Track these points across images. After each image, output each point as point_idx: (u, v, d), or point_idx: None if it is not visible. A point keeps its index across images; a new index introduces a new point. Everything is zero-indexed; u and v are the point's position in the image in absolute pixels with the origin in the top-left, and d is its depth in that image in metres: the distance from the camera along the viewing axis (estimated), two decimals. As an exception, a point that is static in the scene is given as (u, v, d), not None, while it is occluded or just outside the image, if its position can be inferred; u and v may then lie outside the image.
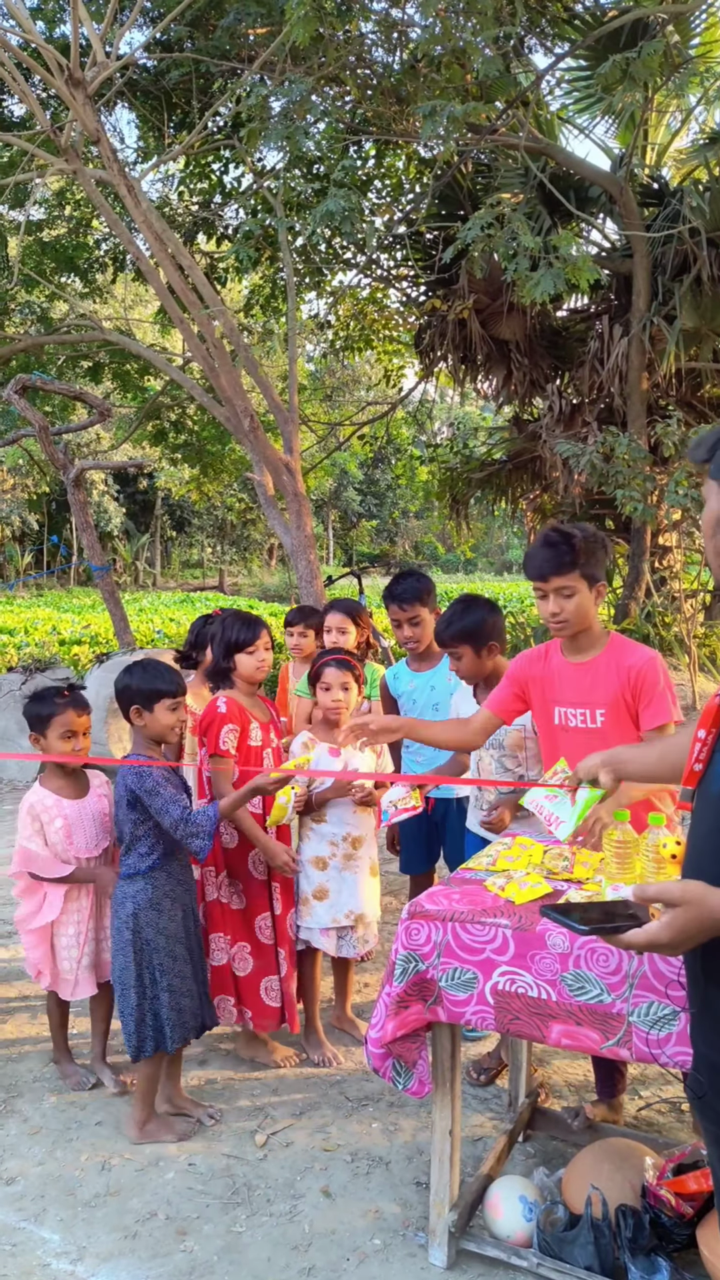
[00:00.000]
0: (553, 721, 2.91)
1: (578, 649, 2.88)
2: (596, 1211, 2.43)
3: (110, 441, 20.44)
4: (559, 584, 2.77)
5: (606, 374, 8.58)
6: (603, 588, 2.83)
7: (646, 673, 2.74)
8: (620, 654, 2.81)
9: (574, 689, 2.86)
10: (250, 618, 3.46)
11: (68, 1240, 2.65)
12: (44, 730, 3.27)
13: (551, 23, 8.04)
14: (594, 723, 2.83)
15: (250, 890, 3.44)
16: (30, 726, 3.30)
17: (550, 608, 2.81)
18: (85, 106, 6.82)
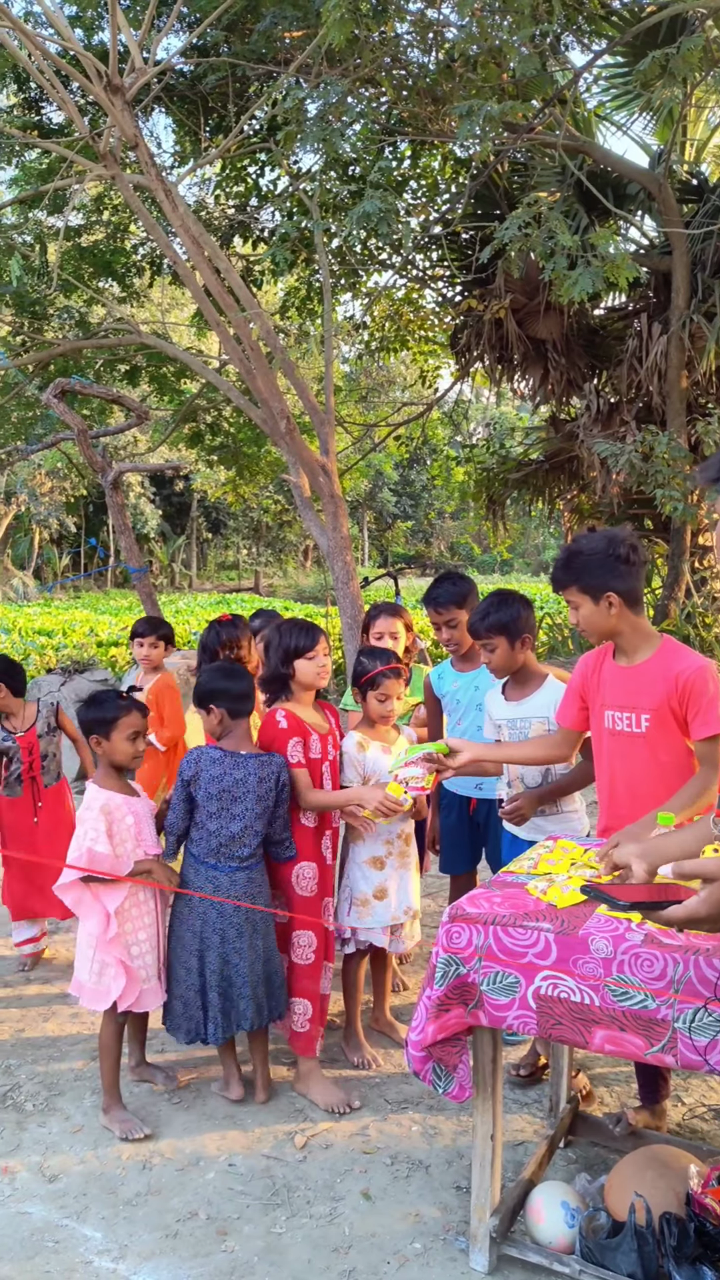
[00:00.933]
0: (602, 724, 2.90)
1: (626, 652, 2.87)
2: (640, 1219, 2.41)
3: (147, 444, 20.59)
4: (564, 597, 2.91)
5: (645, 372, 8.50)
6: (613, 597, 2.79)
7: (695, 681, 2.71)
8: (670, 659, 2.79)
9: (621, 692, 2.85)
10: (307, 624, 3.42)
11: (109, 1238, 2.67)
12: (108, 732, 3.23)
13: (588, 20, 7.97)
14: (639, 727, 2.81)
15: (295, 908, 3.34)
16: (91, 730, 3.26)
17: (571, 618, 2.95)
18: (124, 112, 6.87)
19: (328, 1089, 3.30)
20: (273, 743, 3.30)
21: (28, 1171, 2.96)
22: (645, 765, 2.80)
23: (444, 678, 3.97)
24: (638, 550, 2.81)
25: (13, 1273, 2.55)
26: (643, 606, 2.89)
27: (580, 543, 2.86)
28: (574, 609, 2.88)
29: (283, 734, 3.29)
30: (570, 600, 2.88)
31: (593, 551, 2.80)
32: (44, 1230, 2.70)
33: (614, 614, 2.80)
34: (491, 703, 3.55)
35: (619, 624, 2.82)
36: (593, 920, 2.31)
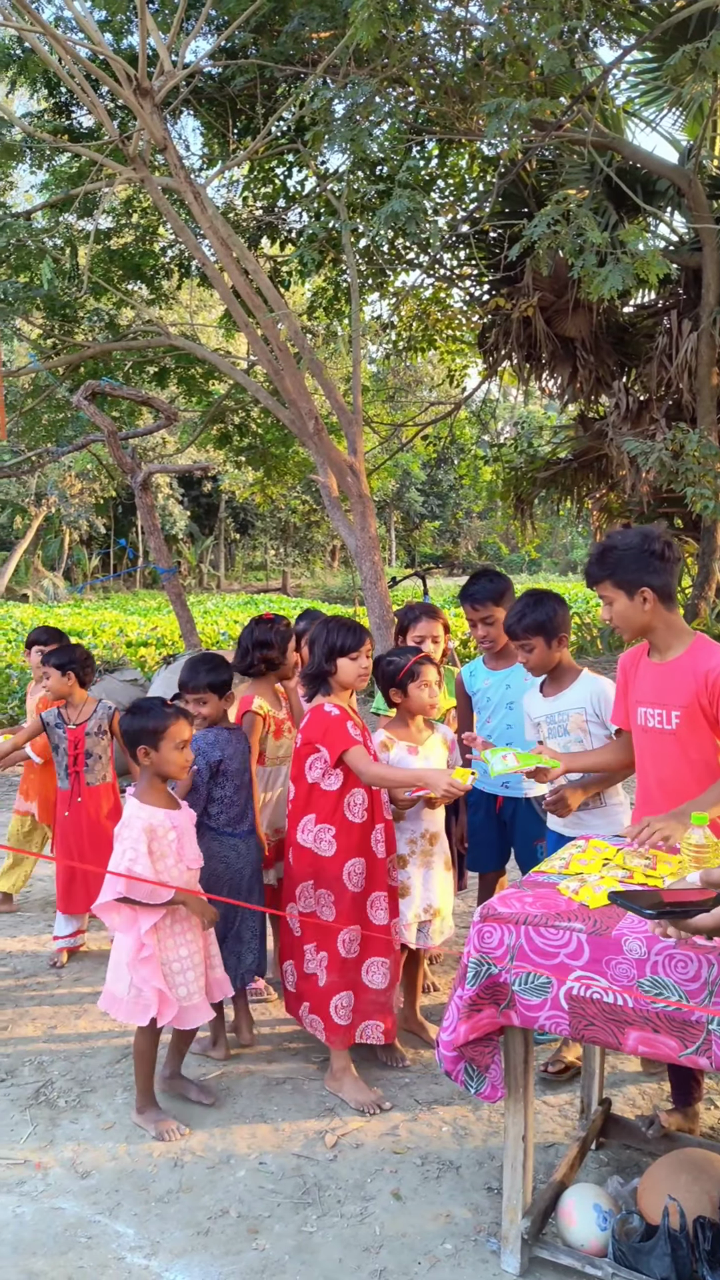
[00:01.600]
0: (636, 721, 2.90)
1: (660, 649, 2.87)
2: (674, 1222, 2.38)
3: (175, 445, 20.71)
4: (598, 592, 2.90)
5: (675, 369, 8.45)
6: (648, 593, 2.78)
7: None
8: (701, 656, 2.77)
9: (653, 689, 2.85)
10: (354, 623, 3.41)
11: (142, 1235, 2.68)
12: (156, 743, 3.12)
13: (617, 15, 7.93)
14: (669, 724, 2.79)
15: (341, 903, 3.31)
16: (138, 741, 3.14)
17: (603, 614, 2.93)
18: (153, 115, 6.92)
19: (359, 1088, 3.30)
20: (329, 731, 3.26)
21: (60, 1167, 2.99)
22: (676, 762, 2.79)
23: (475, 675, 3.96)
24: (672, 547, 2.80)
25: (46, 1267, 2.57)
26: (676, 603, 2.88)
27: (615, 538, 2.85)
28: (607, 604, 2.87)
29: (338, 719, 3.28)
30: (604, 595, 2.86)
31: (628, 547, 2.79)
32: (77, 1226, 2.72)
33: (648, 610, 2.79)
34: (530, 702, 3.54)
35: (653, 620, 2.81)
36: (626, 920, 2.30)
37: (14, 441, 12.62)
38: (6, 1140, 3.13)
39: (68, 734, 4.35)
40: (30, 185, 15.00)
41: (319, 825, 3.32)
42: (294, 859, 3.41)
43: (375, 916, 3.40)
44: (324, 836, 3.31)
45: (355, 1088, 3.30)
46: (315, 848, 3.32)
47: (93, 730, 4.36)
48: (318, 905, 3.34)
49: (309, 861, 3.34)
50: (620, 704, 3.06)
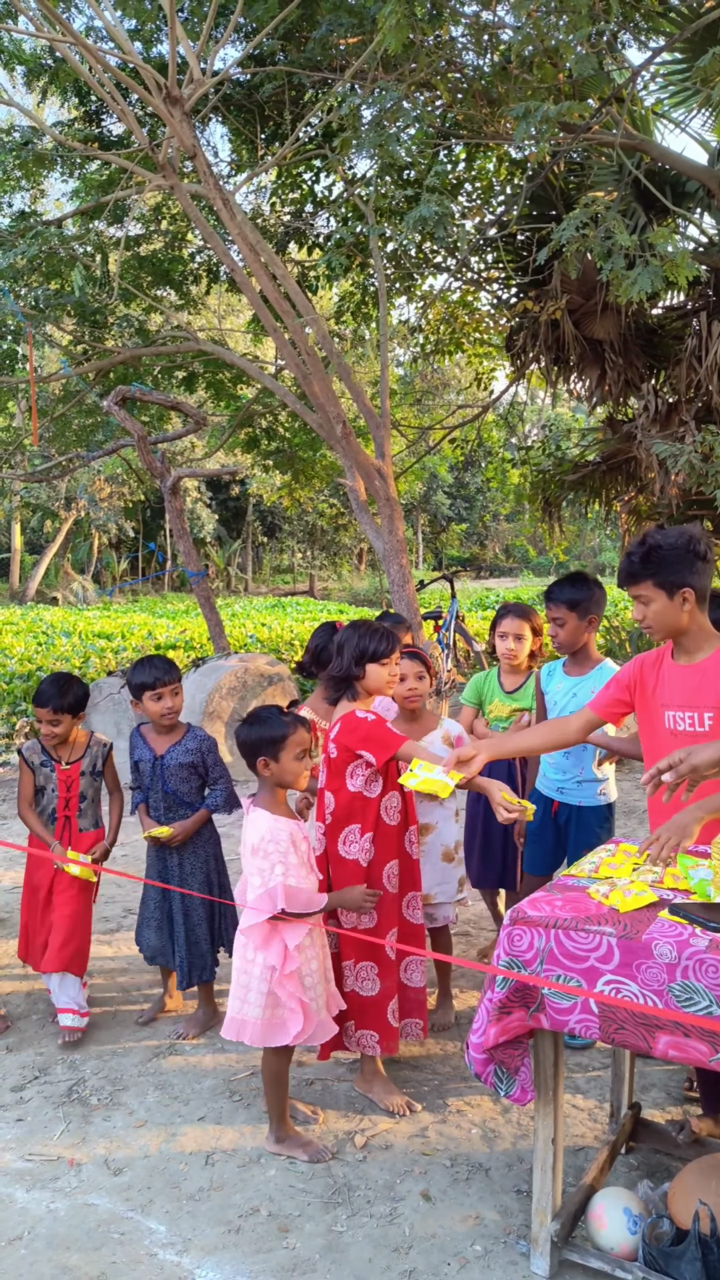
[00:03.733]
0: (663, 725, 2.88)
1: (686, 651, 2.86)
2: (704, 1227, 2.38)
3: (204, 449, 20.82)
4: (635, 592, 2.86)
5: (705, 371, 8.38)
6: (689, 594, 2.77)
7: None
8: None
9: (682, 692, 2.83)
10: (385, 629, 3.34)
11: (174, 1232, 2.71)
12: (276, 753, 3.04)
13: (646, 17, 7.90)
14: (702, 726, 2.79)
15: (382, 907, 3.30)
16: (258, 752, 3.05)
17: (635, 614, 2.91)
18: (182, 123, 6.98)
19: (389, 1089, 3.31)
20: (370, 734, 3.19)
21: (93, 1164, 3.02)
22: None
23: (552, 676, 3.95)
24: (712, 549, 2.80)
25: (80, 1262, 2.60)
26: (709, 605, 2.87)
27: (658, 537, 2.81)
28: (643, 604, 2.83)
29: (377, 723, 3.23)
30: (641, 595, 2.82)
31: (672, 546, 2.77)
32: (110, 1222, 2.76)
33: (686, 611, 2.78)
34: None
35: (689, 622, 2.81)
36: (656, 925, 2.30)
37: (45, 446, 12.76)
38: (40, 1137, 3.17)
39: (58, 773, 3.93)
40: (61, 193, 15.16)
41: (364, 835, 3.28)
42: (336, 873, 3.32)
43: (412, 916, 3.43)
44: (366, 845, 3.28)
45: (385, 1089, 3.32)
46: (361, 859, 3.27)
47: (87, 769, 3.98)
48: (359, 917, 3.29)
49: (354, 874, 3.27)
50: (613, 692, 3.03)
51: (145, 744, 3.91)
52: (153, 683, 3.79)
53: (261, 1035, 2.96)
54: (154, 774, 3.85)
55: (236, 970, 3.03)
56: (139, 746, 3.92)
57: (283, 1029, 2.97)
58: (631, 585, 2.85)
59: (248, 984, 2.98)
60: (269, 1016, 2.96)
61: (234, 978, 3.04)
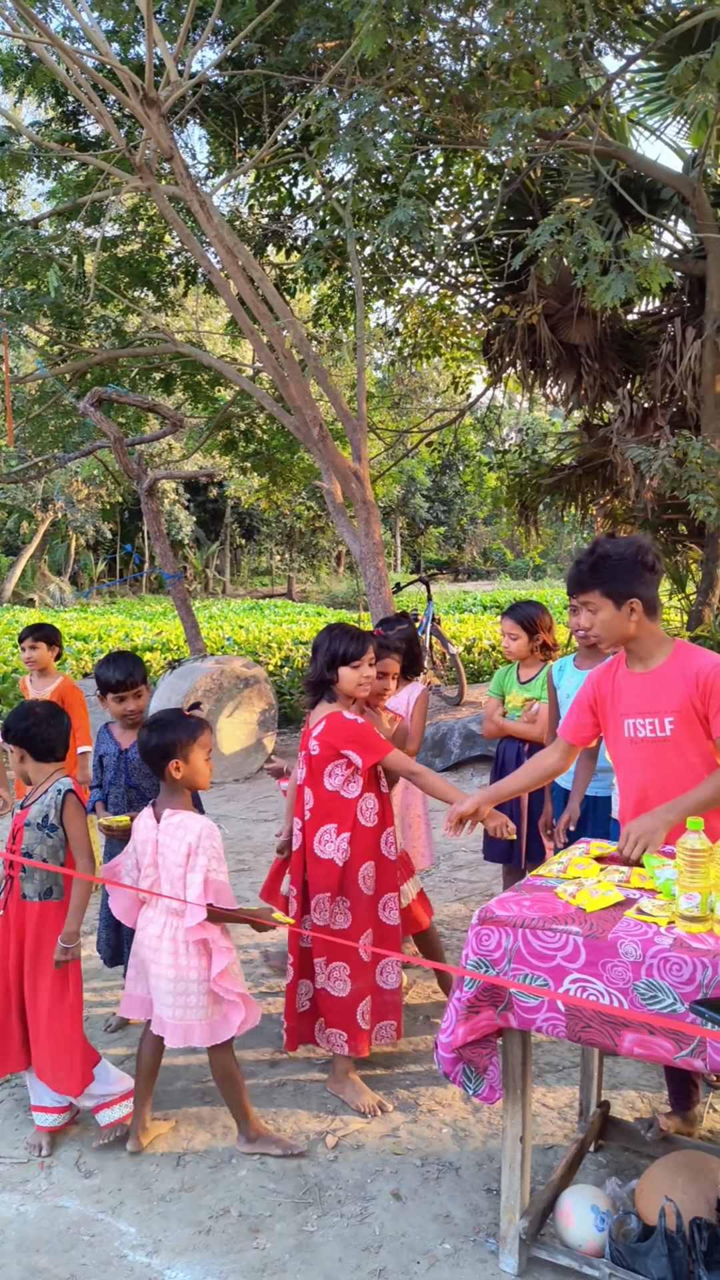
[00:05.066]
0: (623, 735, 2.90)
1: (640, 659, 2.88)
2: (670, 1224, 2.41)
3: (181, 451, 20.78)
4: (583, 599, 2.87)
5: (679, 377, 8.47)
6: (636, 604, 2.78)
7: (714, 678, 2.72)
8: (686, 660, 2.80)
9: (640, 699, 2.85)
10: (358, 632, 3.38)
11: (144, 1233, 2.71)
12: (188, 755, 3.04)
13: (621, 25, 7.97)
14: (663, 731, 2.81)
15: (357, 909, 3.35)
16: (167, 755, 3.02)
17: (582, 621, 2.96)
18: (159, 125, 6.98)
19: (361, 1090, 3.32)
20: (358, 737, 3.24)
21: (64, 1166, 3.02)
22: (676, 768, 2.80)
23: (563, 671, 4.00)
24: (660, 559, 2.83)
25: (50, 1264, 2.60)
26: (659, 614, 2.89)
27: (607, 546, 2.82)
28: (590, 611, 2.84)
29: (366, 725, 3.28)
30: (589, 603, 2.83)
31: (620, 556, 2.79)
32: (80, 1224, 2.75)
33: (633, 620, 2.80)
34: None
35: (637, 631, 2.82)
36: (621, 924, 2.33)
37: (21, 447, 12.71)
38: (11, 1140, 3.16)
39: (12, 819, 3.28)
40: (38, 193, 15.10)
41: (340, 835, 3.30)
42: (312, 872, 3.34)
43: (387, 918, 3.45)
44: (343, 845, 3.30)
45: (356, 1090, 3.33)
46: (337, 858, 3.30)
47: (35, 820, 3.12)
48: (332, 916, 3.32)
49: (329, 872, 3.30)
50: (577, 716, 3.03)
51: (111, 738, 3.91)
52: (115, 686, 3.80)
53: (210, 1034, 2.98)
54: (118, 767, 3.85)
55: (168, 979, 2.97)
56: (105, 741, 3.92)
57: (226, 1023, 3.01)
58: (580, 593, 2.85)
59: (186, 989, 2.96)
60: (212, 1015, 2.99)
61: (164, 986, 2.98)
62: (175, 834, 3.01)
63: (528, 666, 4.36)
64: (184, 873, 2.97)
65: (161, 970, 2.99)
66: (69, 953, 3.03)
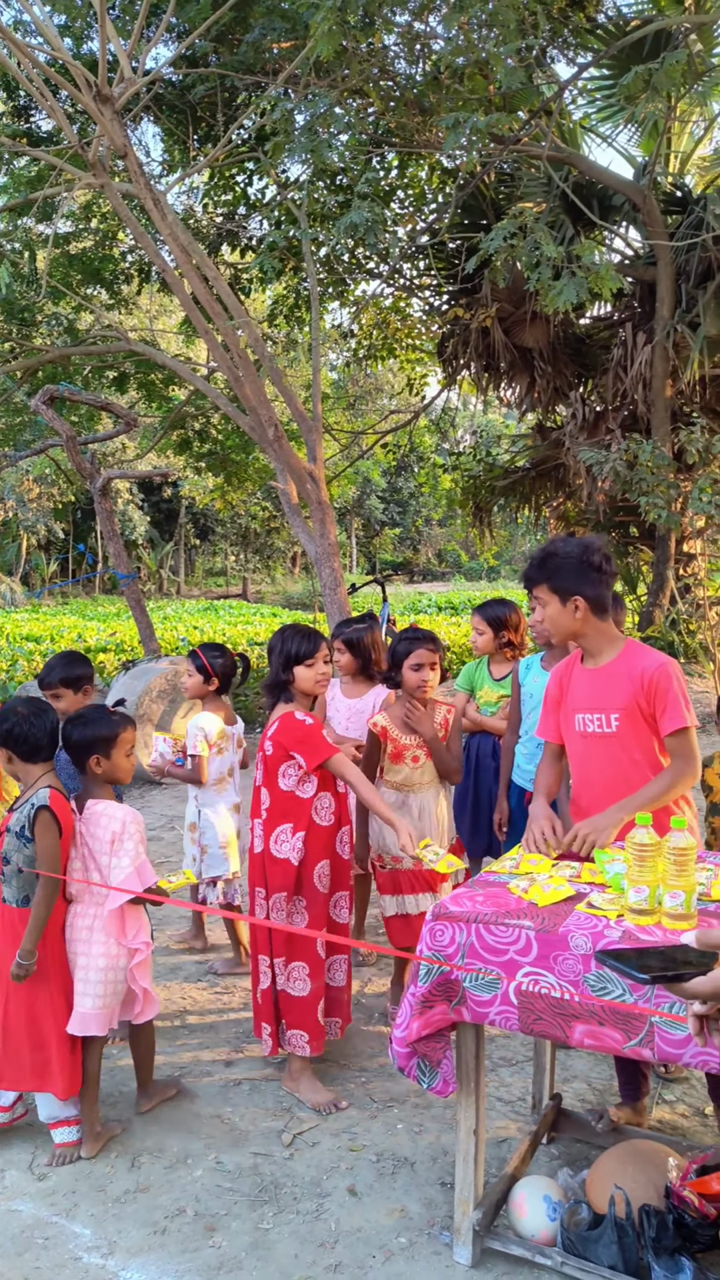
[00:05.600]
0: (574, 729, 2.97)
1: (592, 656, 2.96)
2: (620, 1211, 2.45)
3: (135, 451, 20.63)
4: (533, 594, 2.98)
5: (630, 381, 8.60)
6: (581, 602, 2.86)
7: (659, 678, 2.80)
8: (634, 659, 2.87)
9: (589, 694, 2.93)
10: (310, 630, 3.43)
11: (99, 1235, 2.70)
12: (109, 751, 3.14)
13: (574, 33, 8.09)
14: (609, 727, 2.88)
15: (312, 908, 3.37)
16: (89, 750, 3.12)
17: (534, 616, 3.04)
18: (113, 122, 6.93)
19: (316, 1088, 3.34)
20: (306, 738, 3.28)
21: (16, 1170, 2.99)
22: (620, 764, 2.87)
23: (530, 669, 4.05)
24: (610, 561, 2.90)
25: (4, 1268, 2.58)
26: (609, 614, 2.95)
27: (556, 545, 2.93)
28: (540, 605, 2.95)
29: (313, 728, 3.31)
30: (538, 598, 2.95)
31: (567, 555, 2.88)
32: (34, 1227, 2.73)
33: (578, 618, 2.88)
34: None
35: (583, 628, 2.90)
36: (572, 918, 2.37)
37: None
38: (-38, 1145, 3.13)
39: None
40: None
41: (295, 834, 3.32)
42: (270, 871, 3.36)
43: (338, 916, 3.49)
44: (298, 845, 3.32)
45: (312, 1088, 3.34)
46: (293, 858, 3.31)
47: (17, 826, 3.05)
48: (290, 916, 3.33)
49: (285, 872, 3.32)
50: (549, 715, 3.10)
51: None
52: (40, 684, 3.78)
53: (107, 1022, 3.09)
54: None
55: (99, 968, 3.05)
56: None
57: (128, 1012, 3.19)
58: (530, 587, 2.98)
59: (117, 976, 3.09)
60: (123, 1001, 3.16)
61: (94, 976, 3.04)
62: (99, 822, 3.12)
63: (500, 664, 4.43)
64: (109, 859, 3.08)
65: (91, 960, 3.06)
66: (24, 969, 2.95)
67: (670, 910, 2.28)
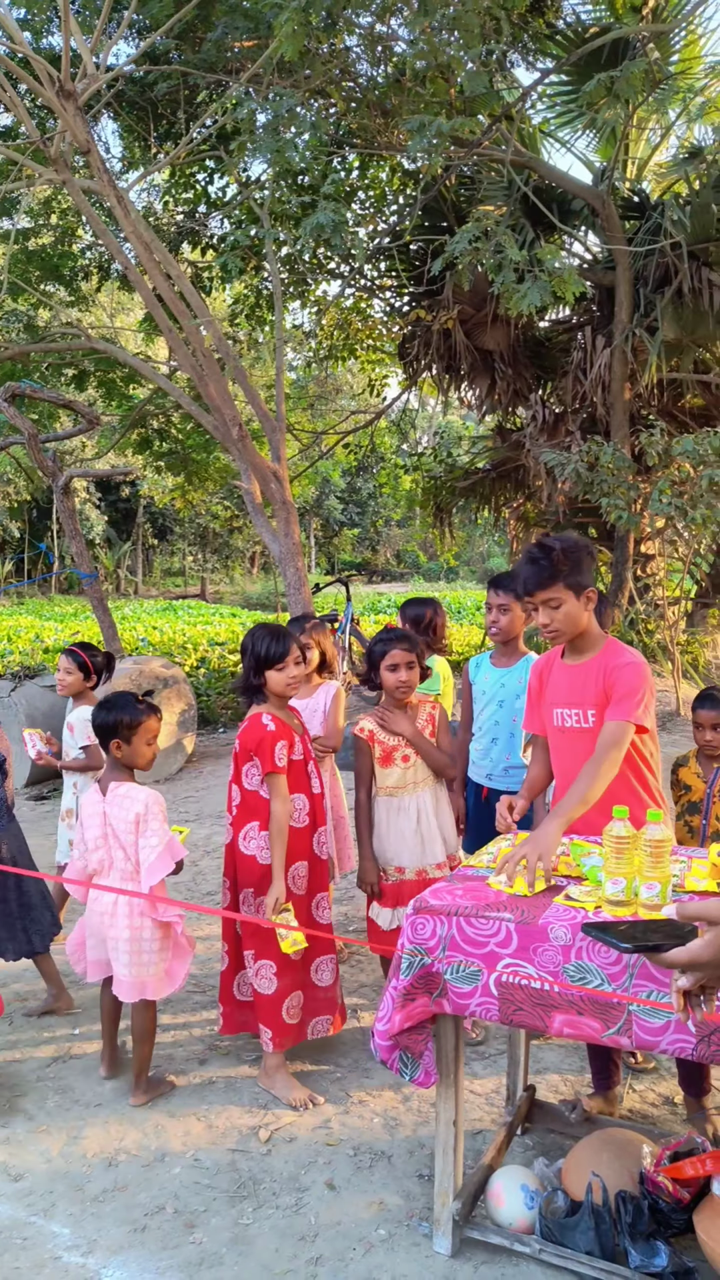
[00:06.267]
0: (553, 723, 3.01)
1: (576, 651, 3.00)
2: (597, 1198, 2.50)
3: (94, 450, 20.44)
4: (544, 597, 2.90)
5: (589, 384, 8.70)
6: (592, 593, 2.92)
7: (624, 672, 2.86)
8: (611, 655, 2.93)
9: (569, 690, 2.97)
10: (280, 631, 3.40)
11: (78, 1234, 2.69)
12: (130, 736, 3.32)
13: (534, 38, 8.17)
14: (587, 723, 2.93)
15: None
16: (113, 733, 3.32)
17: (541, 619, 2.94)
18: (76, 117, 6.88)
19: (292, 1084, 3.35)
20: (260, 745, 3.29)
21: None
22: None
23: (480, 667, 4.07)
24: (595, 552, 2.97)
25: (-19, 1271, 2.56)
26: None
27: (557, 542, 2.91)
28: (552, 608, 2.88)
29: (271, 736, 3.31)
30: (552, 598, 2.87)
31: (574, 548, 2.89)
32: (11, 1228, 2.72)
33: (588, 610, 2.92)
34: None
35: (589, 621, 2.94)
36: (551, 910, 2.41)
37: None
38: (-65, 1148, 3.10)
39: None
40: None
41: (262, 833, 3.34)
42: (239, 868, 3.39)
43: (321, 916, 3.50)
44: (264, 843, 3.33)
45: (288, 1084, 3.36)
46: (259, 855, 3.33)
47: None
48: (259, 910, 3.34)
49: (251, 868, 3.35)
50: (534, 710, 3.15)
51: None
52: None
53: (159, 988, 3.31)
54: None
55: (125, 939, 3.26)
56: None
57: (170, 978, 3.35)
58: (543, 589, 2.88)
59: (140, 948, 3.27)
60: (162, 970, 3.32)
61: (122, 948, 3.26)
62: (122, 804, 3.28)
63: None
64: (135, 839, 3.25)
65: (118, 934, 3.27)
66: None
67: (647, 901, 2.33)
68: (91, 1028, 3.83)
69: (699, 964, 1.48)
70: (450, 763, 3.74)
